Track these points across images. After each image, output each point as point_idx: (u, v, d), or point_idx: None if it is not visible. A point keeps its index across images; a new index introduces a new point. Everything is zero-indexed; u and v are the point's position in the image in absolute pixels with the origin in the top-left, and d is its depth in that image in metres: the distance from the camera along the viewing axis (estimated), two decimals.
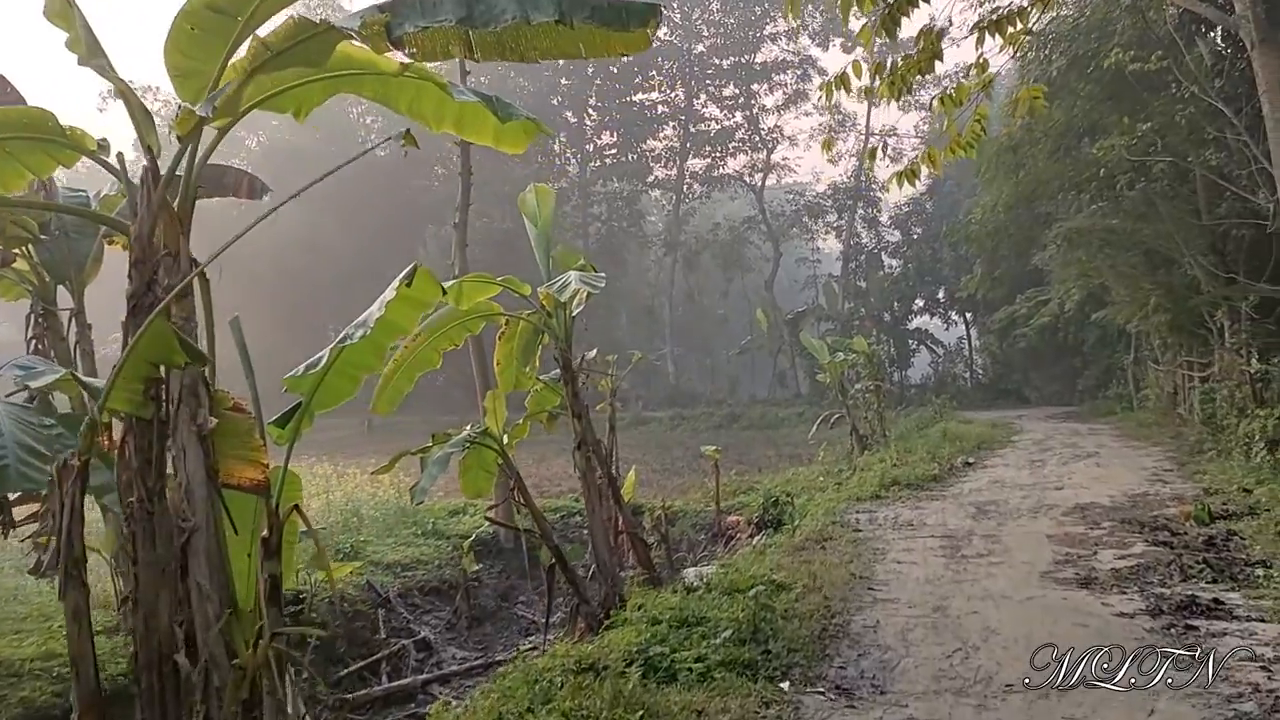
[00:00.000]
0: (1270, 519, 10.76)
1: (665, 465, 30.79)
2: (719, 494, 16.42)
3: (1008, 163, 22.01)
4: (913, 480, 16.83)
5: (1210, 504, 11.70)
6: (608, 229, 62.27)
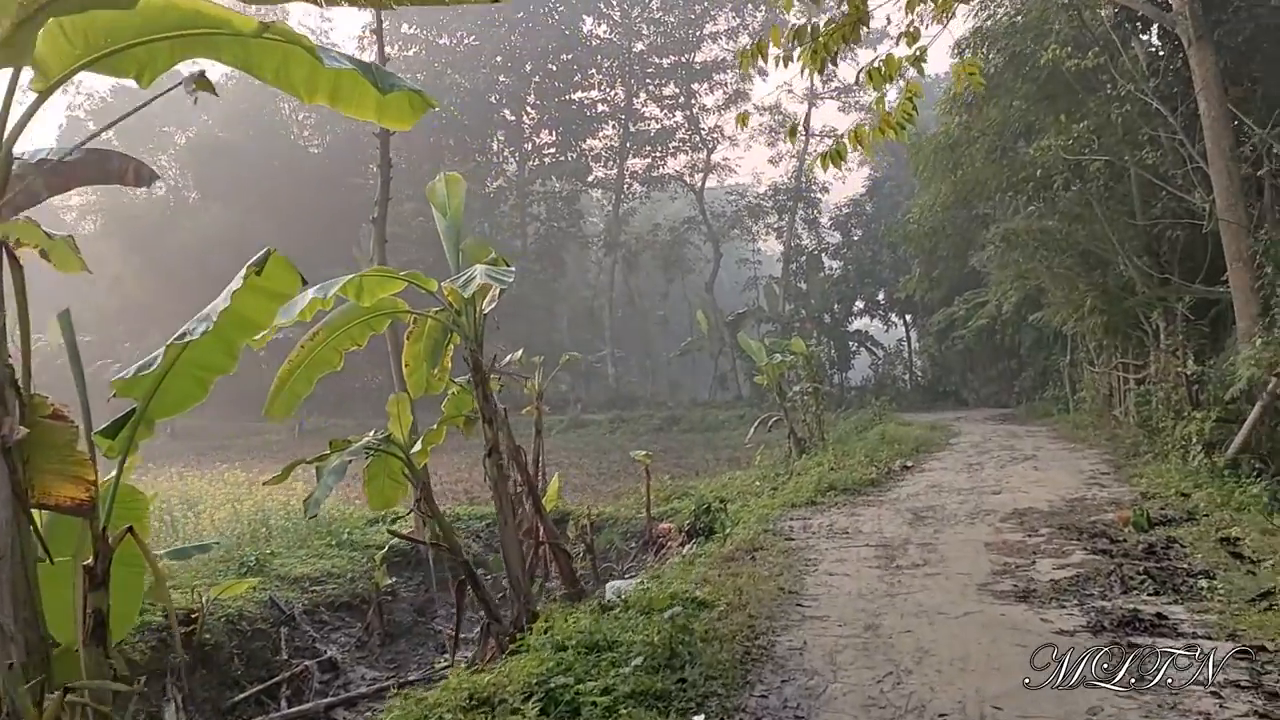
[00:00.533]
0: (1210, 525, 10.48)
1: (602, 469, 30.26)
2: (650, 501, 15.87)
3: (945, 162, 21.82)
4: (850, 485, 16.45)
5: (1148, 509, 11.41)
6: (547, 229, 61.62)
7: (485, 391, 8.65)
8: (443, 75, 58.71)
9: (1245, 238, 15.04)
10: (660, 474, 27.54)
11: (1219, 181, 15.33)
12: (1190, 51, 15.52)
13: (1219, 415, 14.05)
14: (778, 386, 23.80)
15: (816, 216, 57.26)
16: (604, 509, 17.89)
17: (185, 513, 16.58)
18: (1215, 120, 15.28)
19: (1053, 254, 22.56)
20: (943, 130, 21.61)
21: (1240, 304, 15.25)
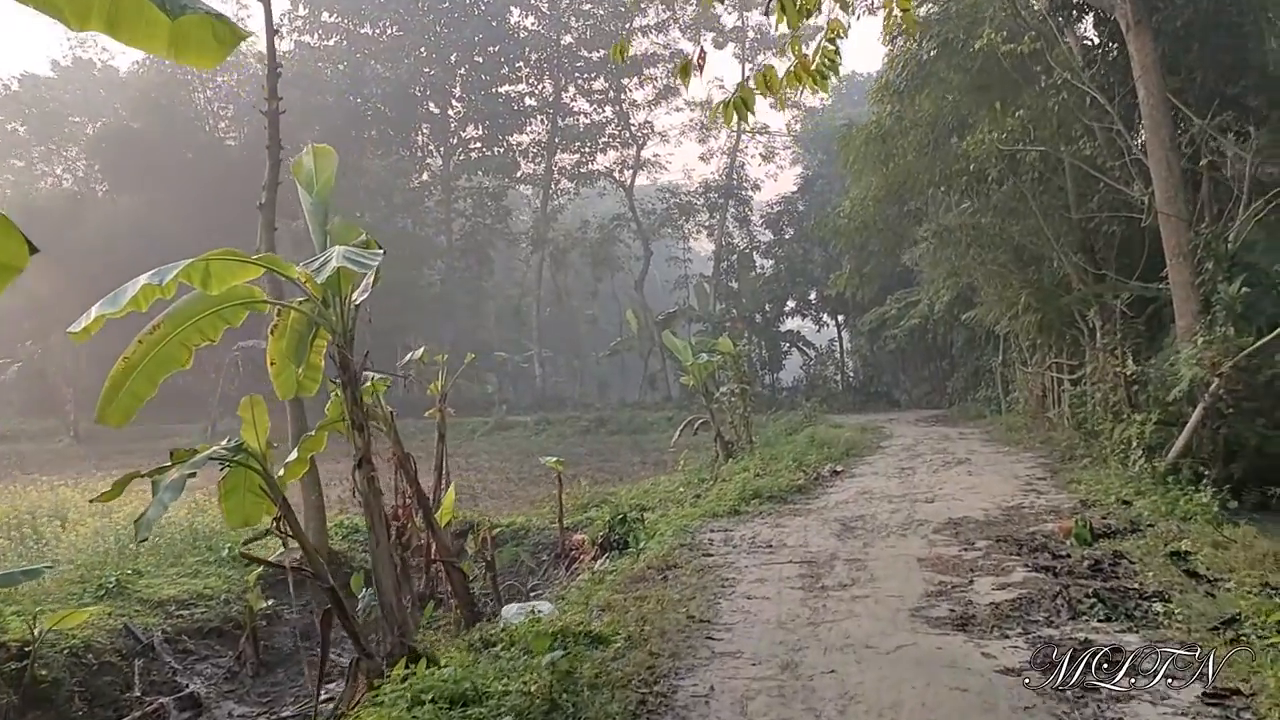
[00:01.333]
0: (1157, 538, 9.79)
1: (523, 474, 29.08)
2: (562, 510, 14.84)
3: (876, 153, 21.12)
4: (776, 492, 15.61)
5: (1090, 519, 10.69)
6: (473, 225, 60.24)
7: (354, 394, 7.57)
8: (364, 65, 56.98)
9: (1185, 232, 14.52)
10: (583, 479, 26.60)
11: (1158, 173, 14.80)
12: (1129, 37, 14.97)
13: (1159, 418, 13.46)
14: (704, 388, 22.93)
15: (748, 214, 56.65)
16: (515, 518, 16.83)
17: (52, 527, 15.19)
18: (1154, 109, 14.75)
19: (986, 250, 22.05)
20: (874, 120, 20.92)
21: (1180, 301, 14.73)
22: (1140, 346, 16.76)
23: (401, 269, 55.25)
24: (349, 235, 7.78)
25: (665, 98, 59.16)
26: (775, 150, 60.30)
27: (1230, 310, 13.71)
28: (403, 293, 55.40)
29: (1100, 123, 16.58)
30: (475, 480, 27.53)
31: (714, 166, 60.00)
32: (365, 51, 59.10)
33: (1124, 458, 13.94)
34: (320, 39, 59.65)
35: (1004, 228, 20.22)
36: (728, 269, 55.13)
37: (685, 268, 61.09)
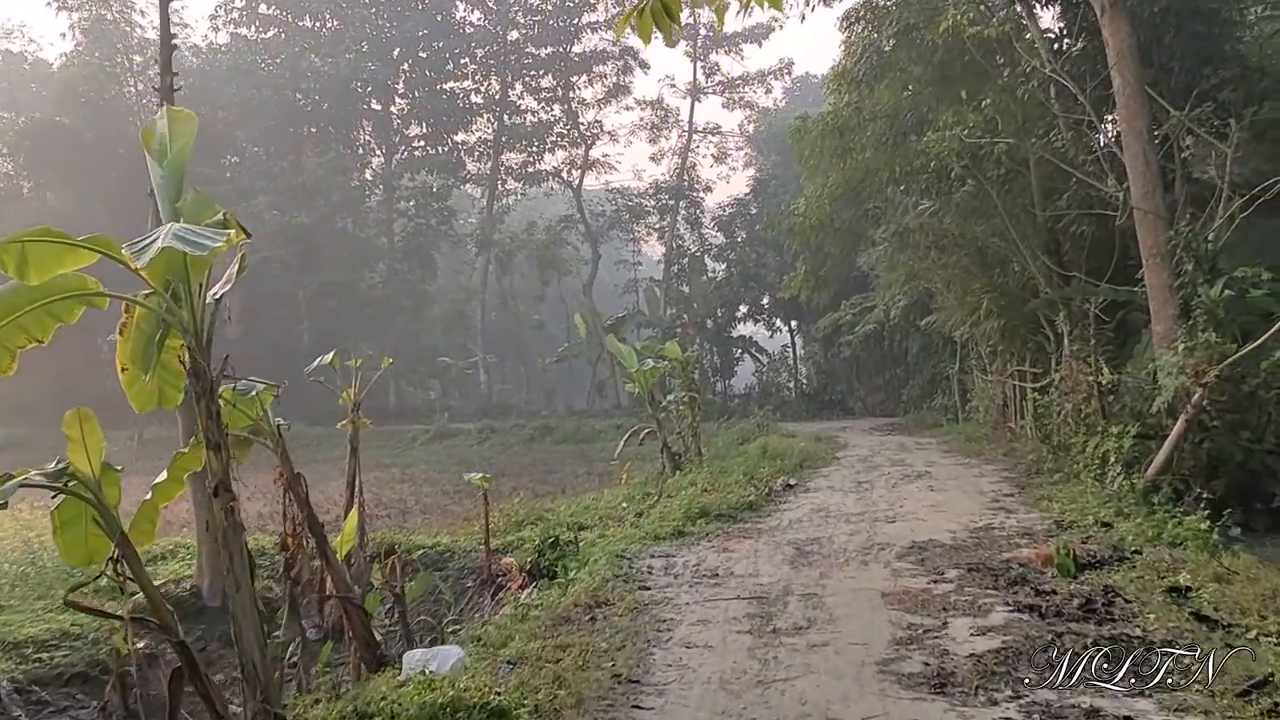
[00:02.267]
0: (1148, 568, 8.76)
1: (460, 486, 27.53)
2: (488, 532, 13.54)
3: (833, 147, 20.07)
4: (725, 509, 14.48)
5: (1071, 545, 9.63)
6: (415, 226, 58.55)
7: (210, 408, 6.27)
8: (302, 58, 55.17)
9: (1164, 230, 13.60)
10: (523, 491, 25.30)
11: (1135, 167, 13.88)
12: (1103, 20, 14.05)
13: (1138, 431, 12.49)
14: (650, 396, 21.78)
15: (699, 216, 55.63)
16: (441, 538, 15.49)
17: None
18: (1131, 98, 13.83)
19: (946, 253, 21.12)
20: (830, 111, 19.86)
21: (1157, 304, 13.82)
22: (1110, 354, 15.86)
23: (341, 271, 53.62)
24: (202, 213, 6.46)
25: (615, 96, 58.01)
26: (728, 151, 59.39)
27: (1212, 315, 12.80)
28: (342, 295, 53.78)
29: (1071, 114, 15.65)
30: (409, 493, 26.10)
31: (664, 167, 58.97)
32: (304, 45, 57.29)
33: (1100, 474, 12.96)
34: (257, 32, 57.74)
35: (966, 228, 19.30)
36: (678, 273, 54.08)
37: (635, 271, 59.93)
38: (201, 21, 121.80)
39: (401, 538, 15.09)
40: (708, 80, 56.53)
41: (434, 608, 12.96)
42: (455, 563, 14.28)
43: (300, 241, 52.52)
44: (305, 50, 57.16)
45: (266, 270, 52.91)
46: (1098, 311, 14.07)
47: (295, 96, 56.37)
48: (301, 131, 57.72)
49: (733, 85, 56.66)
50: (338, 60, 55.28)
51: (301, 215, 51.76)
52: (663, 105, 58.03)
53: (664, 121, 58.11)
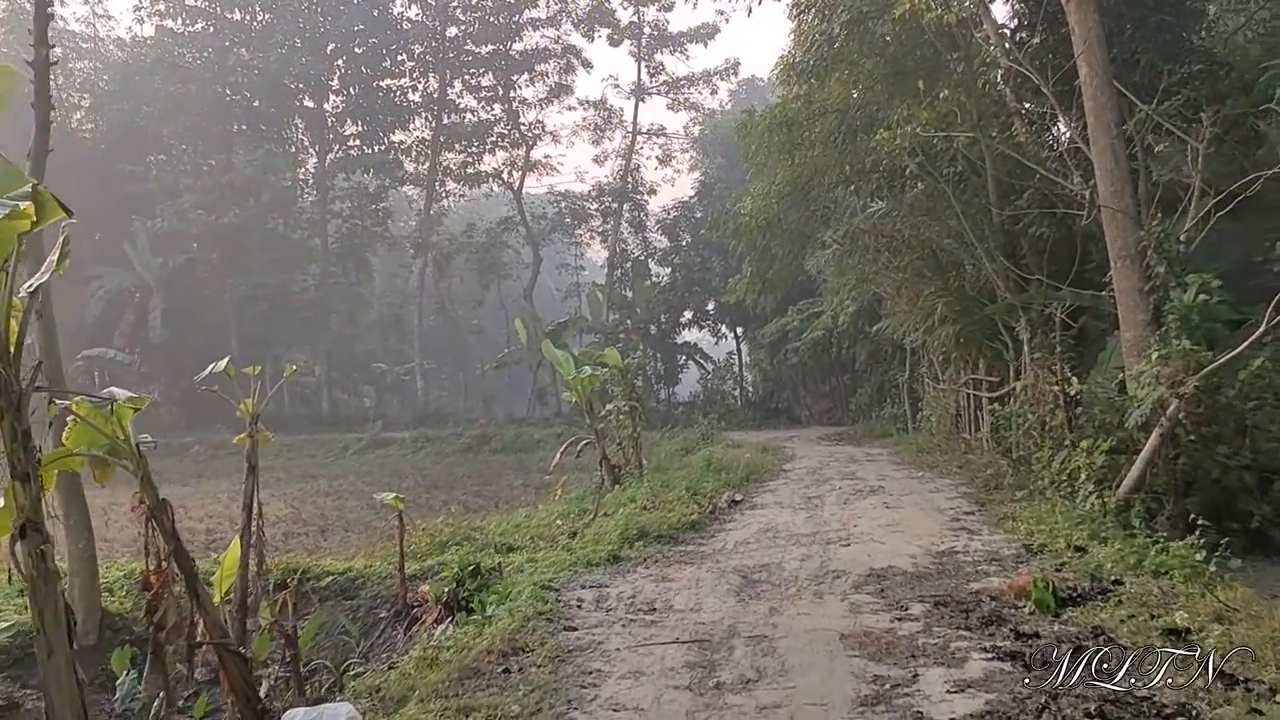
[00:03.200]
0: (1137, 604, 7.84)
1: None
2: (403, 559, 12.31)
3: (781, 143, 19.10)
4: (665, 530, 13.44)
5: (1049, 576, 8.70)
6: (350, 227, 56.94)
7: (16, 428, 5.06)
8: (229, 52, 53.22)
9: (1133, 230, 12.81)
10: (455, 505, 24.07)
11: (1102, 164, 13.09)
12: (1069, 8, 13.24)
13: (1110, 446, 11.65)
14: (588, 404, 20.66)
15: (643, 220, 54.67)
16: (355, 562, 14.17)
17: None
18: (1099, 89, 13.03)
19: (898, 256, 20.28)
20: (779, 104, 18.88)
21: (1126, 310, 13.03)
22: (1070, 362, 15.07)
23: (272, 273, 51.86)
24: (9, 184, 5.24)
25: (557, 96, 56.82)
26: (673, 154, 58.49)
27: (1185, 321, 12.05)
28: (273, 299, 52.03)
29: (1033, 108, 14.84)
30: (333, 508, 24.66)
31: (608, 169, 57.99)
32: (234, 39, 55.35)
33: (1070, 491, 12.10)
34: (184, 24, 55.65)
35: (920, 230, 18.48)
36: (622, 277, 53.09)
37: (578, 276, 58.78)
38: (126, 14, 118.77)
39: (311, 562, 13.76)
40: (652, 80, 55.64)
41: (341, 642, 11.71)
42: (369, 590, 12.98)
43: (229, 242, 50.75)
44: (235, 44, 55.26)
45: (193, 272, 51.02)
46: (1063, 317, 13.23)
47: (224, 92, 54.46)
48: (231, 129, 55.80)
49: (678, 86, 55.79)
50: (267, 54, 53.42)
51: (230, 215, 49.93)
52: (606, 106, 57.11)
53: (607, 122, 57.14)
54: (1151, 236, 12.49)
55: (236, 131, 55.73)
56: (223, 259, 51.00)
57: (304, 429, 48.92)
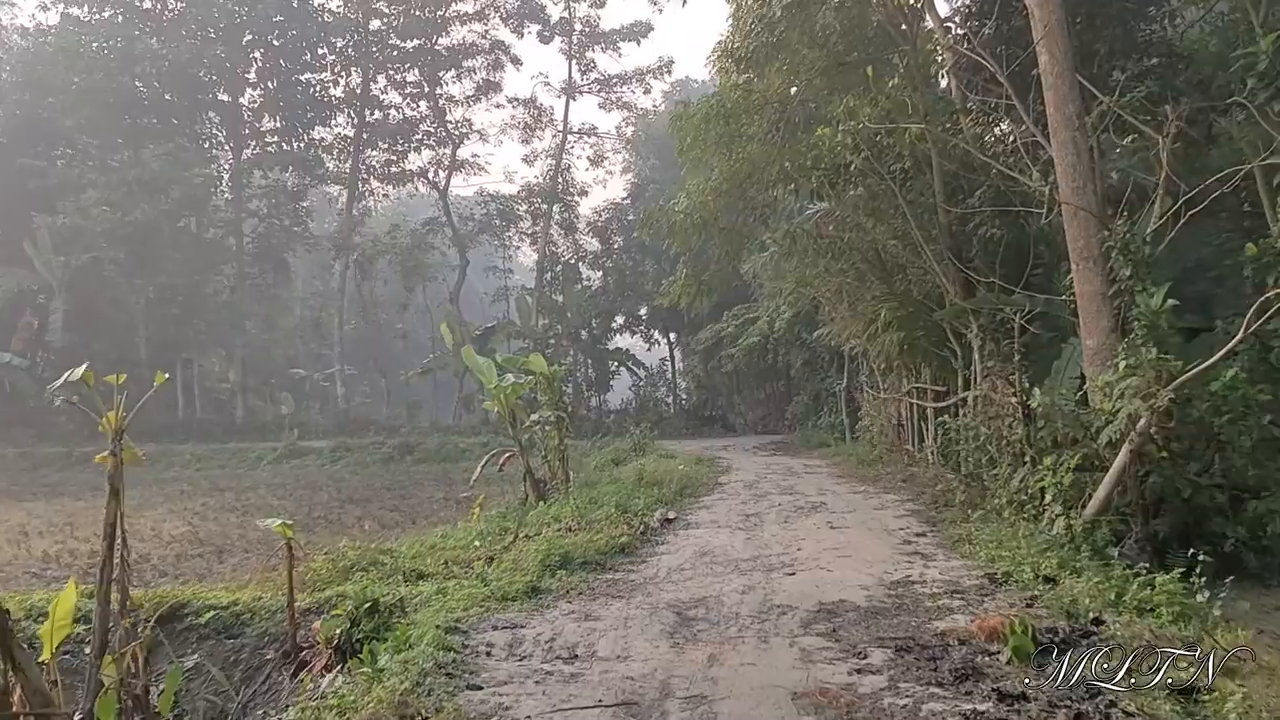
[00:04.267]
0: (1133, 651, 6.85)
1: (296, 516, 24.55)
2: (293, 594, 10.94)
3: (718, 135, 18.02)
4: (592, 555, 12.30)
5: (1024, 617, 7.71)
6: (268, 226, 54.91)
7: None
8: (136, 40, 50.78)
9: (1096, 230, 11.97)
10: (369, 521, 22.69)
11: (1063, 157, 12.24)
12: None
13: (1079, 463, 10.75)
14: (511, 415, 19.43)
15: (574, 221, 53.47)
16: (241, 594, 12.75)
17: None
18: (1059, 78, 12.18)
19: (839, 259, 19.37)
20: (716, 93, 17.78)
21: (1088, 315, 12.18)
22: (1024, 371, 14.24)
23: (184, 274, 49.68)
24: None
25: (485, 93, 55.38)
26: (604, 154, 57.37)
27: (1153, 328, 11.21)
28: (185, 301, 49.87)
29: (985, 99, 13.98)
30: (235, 525, 22.96)
31: (538, 169, 56.67)
32: (144, 28, 52.91)
33: (1035, 513, 11.18)
34: (91, 11, 53.10)
35: (863, 231, 17.59)
36: (552, 281, 51.90)
37: (506, 279, 57.44)
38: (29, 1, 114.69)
39: (191, 594, 12.29)
40: (584, 78, 54.47)
41: (220, 688, 10.33)
42: (256, 627, 11.55)
43: (136, 241, 48.41)
44: (145, 34, 52.82)
45: (97, 272, 48.61)
46: (1022, 323, 12.35)
47: (134, 84, 52.00)
48: (141, 122, 53.32)
49: (610, 84, 54.68)
50: (179, 45, 51.14)
51: (138, 212, 47.62)
52: (536, 104, 55.83)
53: (537, 121, 55.84)
54: (1116, 237, 11.65)
55: (146, 125, 53.30)
56: (130, 258, 48.70)
57: (216, 438, 46.96)
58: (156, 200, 48.45)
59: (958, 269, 15.46)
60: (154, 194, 48.45)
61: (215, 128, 56.42)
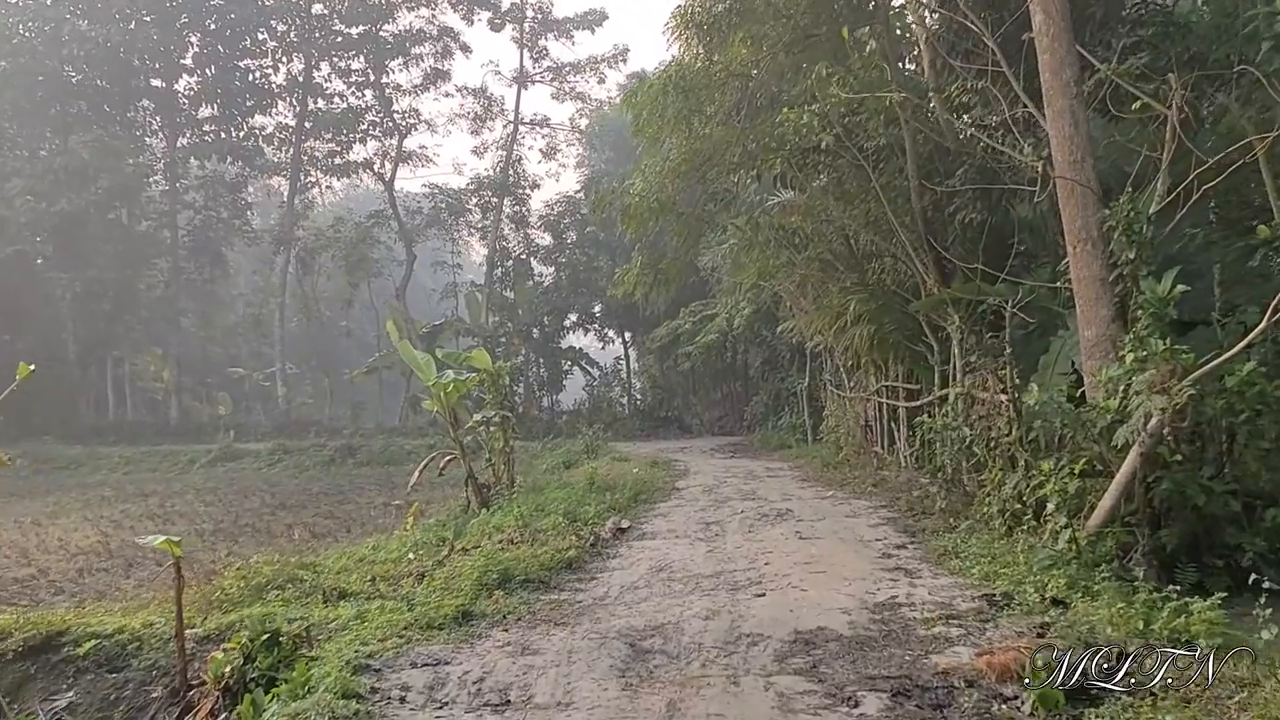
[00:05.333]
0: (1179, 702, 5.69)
1: (222, 525, 22.94)
2: (181, 625, 9.47)
3: (676, 110, 16.67)
4: (534, 571, 11.01)
5: (1041, 650, 6.53)
6: (204, 219, 52.88)
7: None
8: (62, 21, 48.53)
9: (1096, 208, 10.85)
10: (299, 529, 21.24)
11: (1060, 128, 11.11)
12: None
13: (1083, 468, 9.62)
14: (452, 415, 18.08)
15: (525, 215, 51.91)
16: (133, 620, 11.26)
17: None
18: (1055, 39, 11.08)
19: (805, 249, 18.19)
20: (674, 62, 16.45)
21: (1085, 302, 11.05)
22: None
23: (114, 268, 47.55)
24: None
25: (433, 82, 53.67)
26: (557, 146, 55.88)
27: (1159, 317, 10.12)
28: (116, 296, 47.73)
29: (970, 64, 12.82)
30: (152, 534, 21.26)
31: (488, 161, 55.05)
32: (73, 10, 50.58)
33: (1034, 524, 10.03)
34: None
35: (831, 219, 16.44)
36: (502, 276, 50.39)
37: (455, 275, 55.79)
38: None
39: (73, 619, 10.77)
40: (536, 67, 52.94)
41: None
42: (144, 659, 10.04)
43: (63, 233, 46.34)
44: (74, 15, 50.49)
45: (21, 265, 46.39)
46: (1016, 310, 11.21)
47: (62, 68, 49.70)
48: (68, 106, 50.96)
49: (563, 73, 53.21)
50: (110, 28, 48.93)
51: (64, 202, 45.49)
52: (487, 94, 54.17)
53: (488, 111, 54.19)
54: (1119, 216, 10.54)
55: (76, 112, 50.98)
56: (57, 251, 46.64)
57: (149, 440, 45.00)
58: (85, 190, 46.38)
59: (937, 255, 14.31)
60: (82, 183, 46.36)
61: (149, 115, 54.16)
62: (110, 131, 49.18)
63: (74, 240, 46.67)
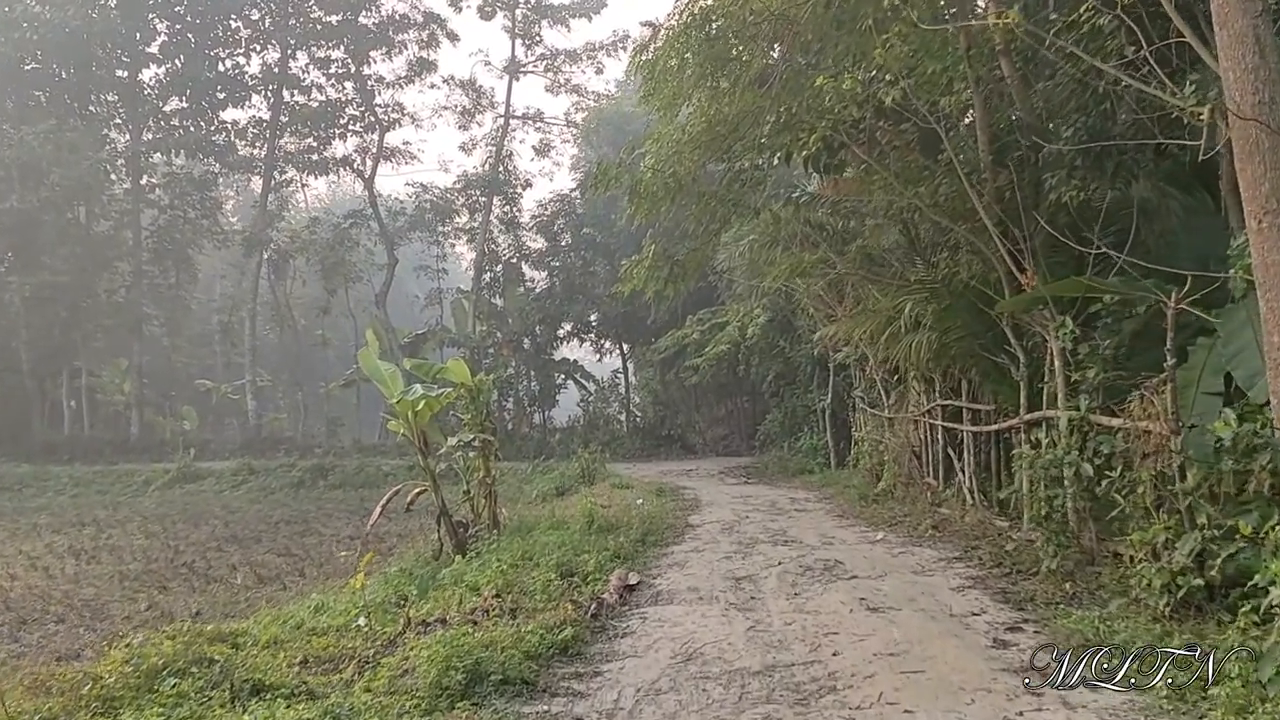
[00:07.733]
0: None
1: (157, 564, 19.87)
2: None
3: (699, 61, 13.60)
4: (516, 664, 8.09)
5: None
6: (170, 219, 50.22)
7: None
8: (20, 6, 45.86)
9: None
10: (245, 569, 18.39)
11: (1237, 56, 8.21)
12: None
13: None
14: (423, 438, 15.23)
15: (516, 216, 49.14)
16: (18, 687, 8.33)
17: None
18: None
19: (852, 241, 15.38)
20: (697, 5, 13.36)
21: (1273, 296, 8.19)
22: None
23: (71, 271, 44.90)
24: None
25: (419, 73, 50.91)
26: (551, 143, 53.20)
27: None
28: (73, 302, 45.07)
29: None
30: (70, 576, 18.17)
31: (477, 158, 52.37)
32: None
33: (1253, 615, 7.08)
34: None
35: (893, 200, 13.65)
36: (491, 282, 47.79)
37: (440, 280, 53.12)
38: None
39: None
40: (529, 54, 50.21)
41: None
42: None
43: (14, 233, 43.74)
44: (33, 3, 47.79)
45: None
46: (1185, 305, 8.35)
47: (17, 55, 46.97)
48: (27, 97, 48.28)
49: (558, 62, 50.47)
50: (70, 12, 46.16)
51: (15, 199, 42.76)
52: (475, 86, 51.46)
53: (477, 104, 51.53)
54: None
55: (32, 103, 48.24)
56: (6, 252, 43.95)
57: (106, 458, 42.30)
58: (39, 187, 43.72)
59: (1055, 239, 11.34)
60: (36, 179, 43.71)
61: (113, 108, 51.38)
62: (69, 124, 46.56)
63: (26, 241, 44.22)
